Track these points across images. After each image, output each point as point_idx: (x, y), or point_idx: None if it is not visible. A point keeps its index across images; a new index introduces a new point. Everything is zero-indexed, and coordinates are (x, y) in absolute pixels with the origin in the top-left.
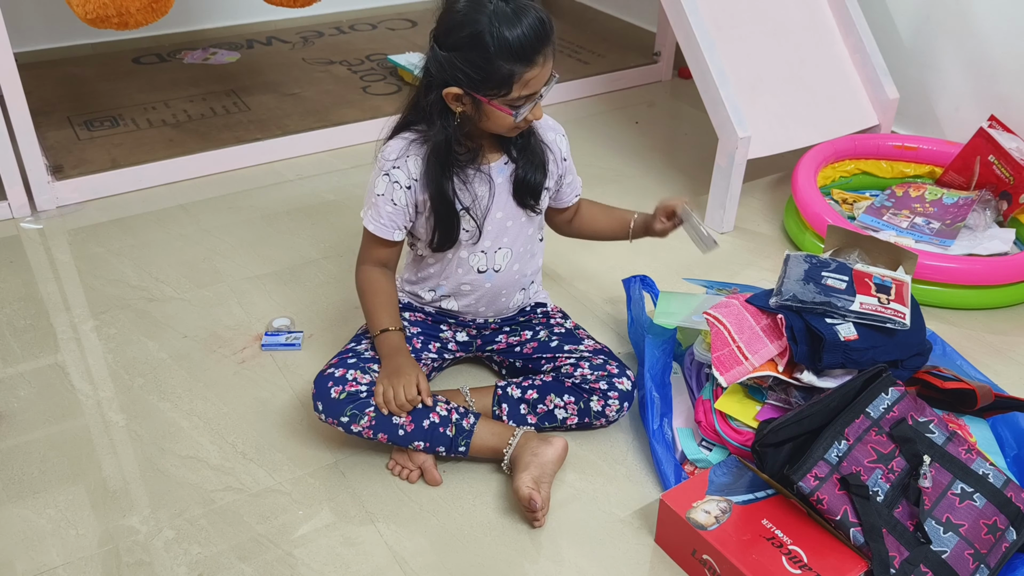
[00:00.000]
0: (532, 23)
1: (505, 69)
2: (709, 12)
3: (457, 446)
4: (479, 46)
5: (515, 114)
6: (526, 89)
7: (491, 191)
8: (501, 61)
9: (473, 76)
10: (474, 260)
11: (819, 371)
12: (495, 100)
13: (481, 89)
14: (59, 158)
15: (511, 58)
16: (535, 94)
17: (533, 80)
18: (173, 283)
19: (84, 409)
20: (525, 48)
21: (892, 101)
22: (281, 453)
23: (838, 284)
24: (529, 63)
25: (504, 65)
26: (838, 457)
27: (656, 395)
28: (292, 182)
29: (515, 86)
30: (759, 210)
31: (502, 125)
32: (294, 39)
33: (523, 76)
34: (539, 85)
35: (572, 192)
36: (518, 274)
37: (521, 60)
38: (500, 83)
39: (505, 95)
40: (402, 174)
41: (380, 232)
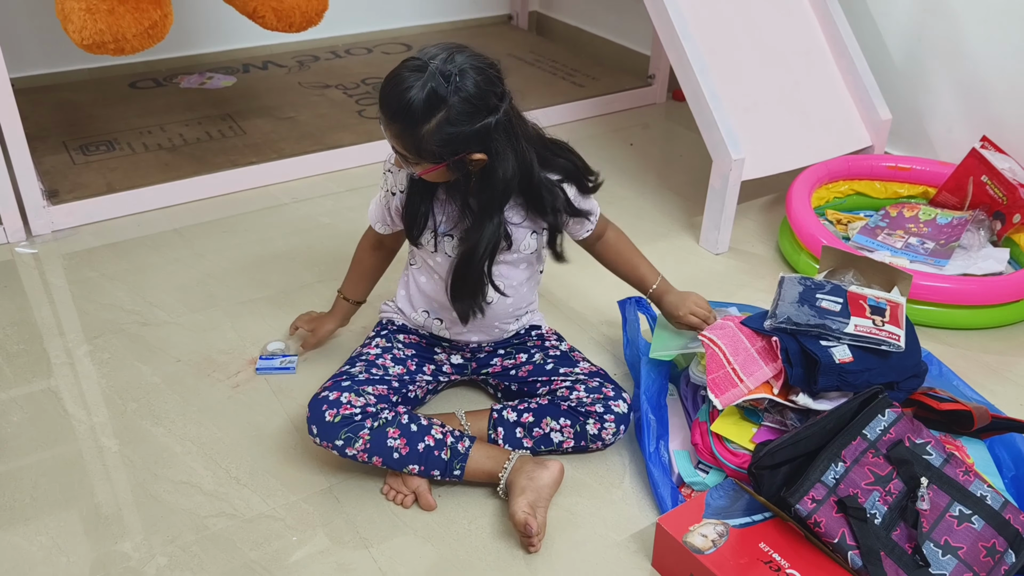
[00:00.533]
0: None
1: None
2: (702, 35)
3: (452, 470)
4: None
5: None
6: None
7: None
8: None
9: None
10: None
11: (815, 393)
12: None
13: None
14: (55, 183)
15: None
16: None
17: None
18: (167, 307)
19: (77, 434)
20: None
21: (885, 122)
22: (275, 478)
23: (833, 306)
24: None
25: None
26: (835, 479)
27: (652, 417)
28: (287, 206)
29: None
30: (754, 231)
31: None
32: (290, 63)
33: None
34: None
35: (585, 226)
36: (512, 307)
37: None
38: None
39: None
40: (392, 179)
41: (371, 216)
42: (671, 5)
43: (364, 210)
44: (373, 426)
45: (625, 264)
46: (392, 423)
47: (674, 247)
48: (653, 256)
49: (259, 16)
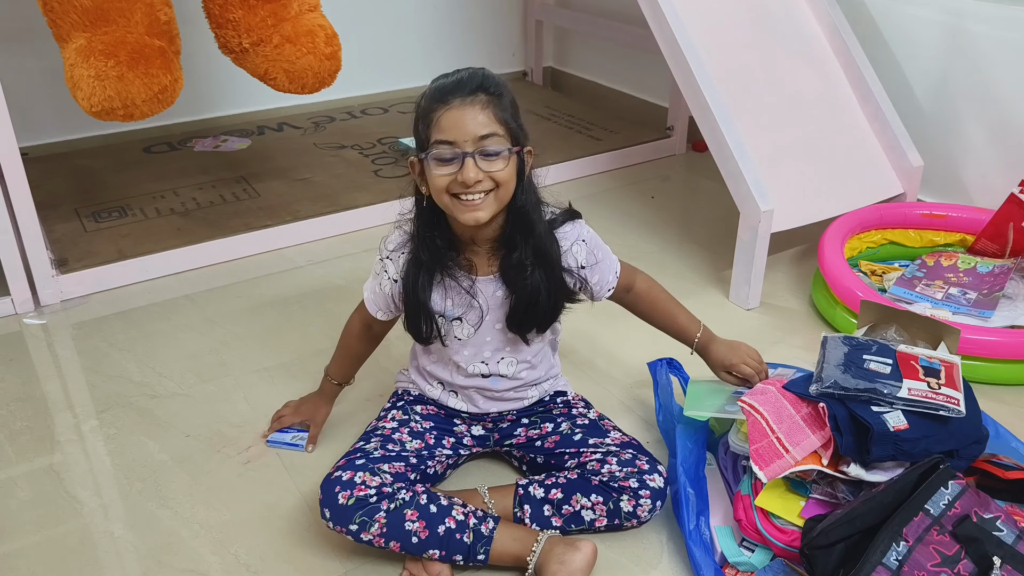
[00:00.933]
0: (462, 72)
1: (423, 112)
2: (723, 84)
3: (476, 554)
4: (417, 102)
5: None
6: (439, 132)
7: (476, 306)
8: (423, 107)
9: (416, 134)
10: (474, 368)
11: (867, 463)
12: (425, 152)
13: (418, 147)
14: (64, 251)
15: (431, 99)
16: (454, 145)
17: (444, 121)
18: (177, 378)
19: (79, 517)
20: (443, 90)
21: (916, 169)
22: (288, 564)
23: (882, 368)
24: (443, 103)
25: (423, 108)
26: (897, 561)
27: (691, 491)
28: (302, 268)
29: (432, 129)
30: (785, 285)
31: (437, 189)
32: (305, 124)
33: (436, 117)
34: (455, 131)
35: (604, 288)
36: (528, 377)
37: (437, 99)
38: (422, 129)
39: (426, 142)
40: (392, 267)
41: (368, 303)
42: (690, 55)
43: None
44: (390, 508)
45: (662, 314)
46: (410, 504)
47: (703, 303)
48: None
49: (271, 78)
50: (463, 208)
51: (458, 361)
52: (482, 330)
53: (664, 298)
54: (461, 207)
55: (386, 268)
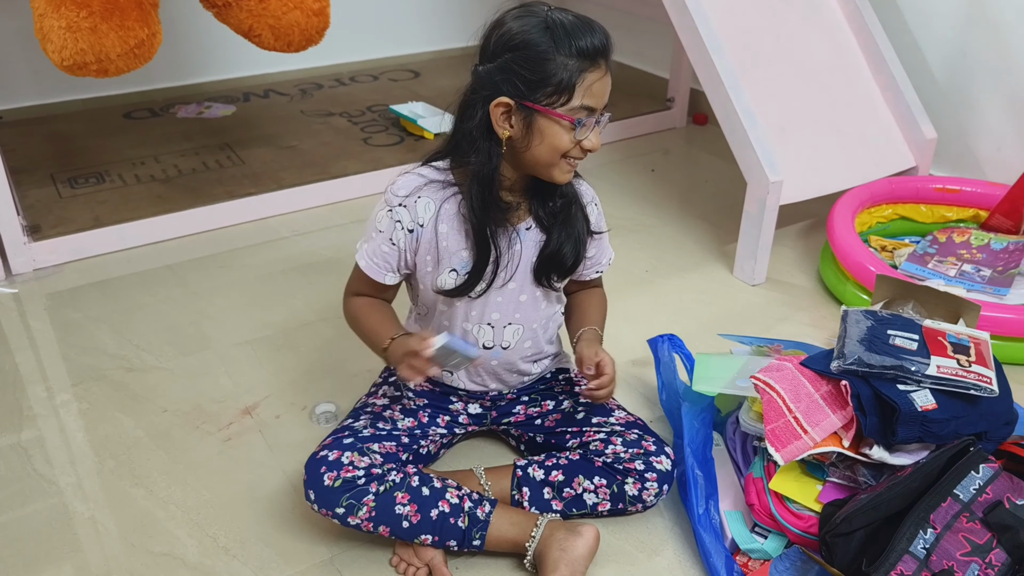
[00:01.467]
0: (597, 28)
1: (568, 68)
2: (733, 52)
3: (471, 539)
4: (538, 43)
5: (575, 127)
6: (588, 98)
7: (520, 256)
8: (564, 59)
9: (530, 78)
10: (479, 332)
11: (891, 446)
12: (555, 108)
13: (538, 94)
14: (38, 217)
15: (575, 55)
16: (596, 112)
17: (597, 87)
18: (155, 351)
19: (47, 496)
20: (590, 48)
21: (930, 141)
22: (269, 548)
23: (908, 344)
24: (594, 63)
25: (567, 63)
26: (925, 550)
27: (699, 473)
28: (288, 239)
29: (577, 90)
30: (792, 259)
31: (555, 148)
32: (292, 91)
33: (586, 77)
34: (602, 98)
35: (593, 267)
36: (531, 349)
37: (586, 58)
38: (561, 85)
39: (566, 102)
40: (407, 214)
41: (370, 271)
42: (700, 19)
43: None
44: (379, 491)
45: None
46: (400, 486)
47: (707, 278)
48: (684, 288)
49: (255, 35)
50: (567, 169)
51: (464, 324)
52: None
53: (599, 303)
54: (566, 168)
55: (399, 216)
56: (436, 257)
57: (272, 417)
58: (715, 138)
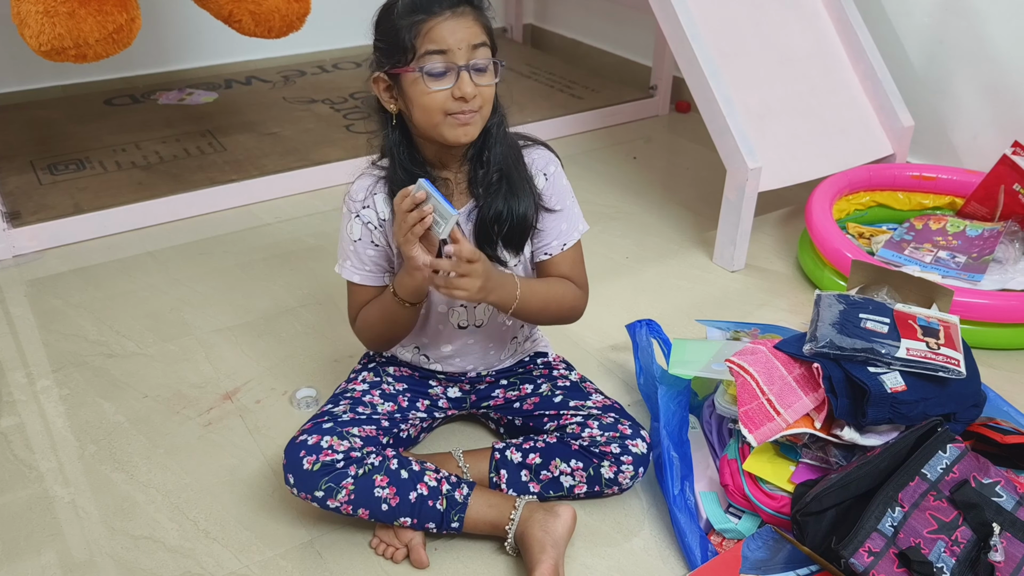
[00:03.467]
0: None
1: (405, 23)
2: (712, 38)
3: (449, 522)
4: (386, 13)
5: (423, 77)
6: (431, 43)
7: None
8: (403, 19)
9: (383, 47)
10: (454, 316)
11: (862, 427)
12: (407, 67)
13: (393, 60)
14: (17, 204)
15: (412, 11)
16: (448, 55)
17: (437, 33)
18: (136, 337)
19: (26, 483)
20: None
21: (907, 129)
22: (249, 531)
23: (879, 327)
24: (428, 12)
25: (403, 20)
26: (893, 527)
27: (674, 455)
28: (269, 225)
29: (418, 41)
30: (771, 246)
31: (427, 109)
32: (275, 78)
33: (423, 28)
34: (451, 41)
35: (542, 248)
36: (503, 326)
37: (419, 10)
38: (403, 42)
39: (412, 57)
40: (371, 213)
41: (369, 280)
42: (680, 6)
43: None
44: (358, 474)
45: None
46: (379, 469)
47: (686, 264)
48: (664, 274)
49: (235, 20)
50: (455, 125)
51: (439, 308)
52: None
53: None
54: (453, 124)
55: (368, 219)
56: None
57: (253, 402)
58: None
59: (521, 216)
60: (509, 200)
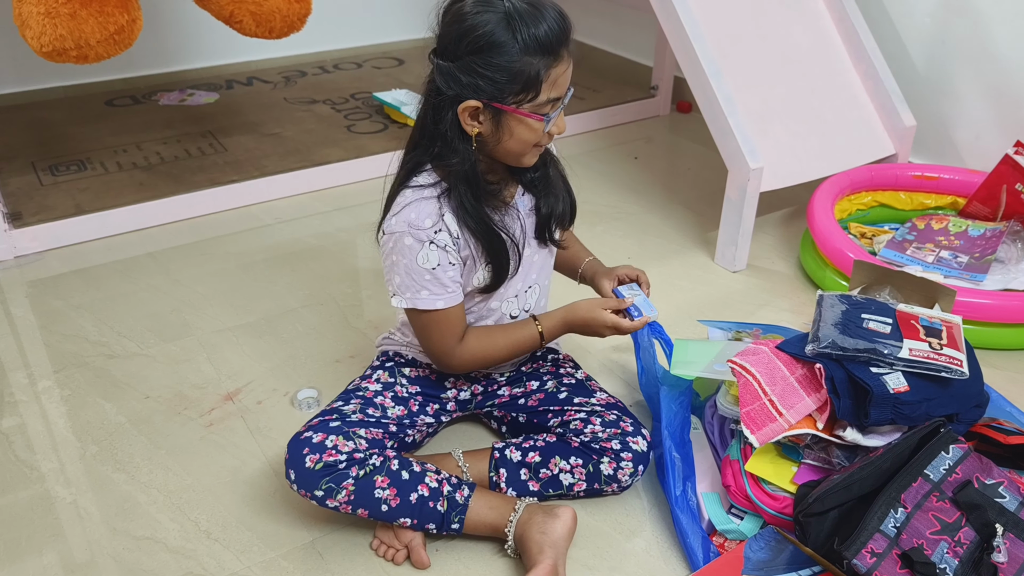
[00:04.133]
0: (554, 15)
1: (533, 66)
2: (714, 39)
3: (450, 523)
4: (501, 44)
5: (546, 121)
6: (554, 90)
7: (522, 227)
8: (528, 57)
9: (496, 80)
10: (507, 307)
11: (865, 428)
12: (522, 107)
13: (505, 95)
14: (18, 205)
15: (538, 52)
16: (560, 99)
17: (561, 78)
18: (137, 338)
19: (28, 483)
20: (552, 40)
21: (909, 129)
22: (250, 531)
23: (881, 328)
24: (556, 57)
25: (532, 61)
26: (895, 528)
27: (676, 455)
28: (270, 226)
29: (544, 86)
30: (772, 246)
31: (525, 142)
32: (276, 79)
33: (551, 73)
34: (565, 85)
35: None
36: (543, 306)
37: (549, 54)
38: (527, 84)
39: (533, 98)
40: (445, 236)
41: (453, 302)
42: (681, 6)
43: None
44: (359, 475)
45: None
46: (380, 470)
47: (688, 265)
48: (666, 274)
49: (236, 21)
50: (536, 154)
51: (492, 303)
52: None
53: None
54: (535, 153)
55: (443, 243)
56: (473, 256)
57: (254, 403)
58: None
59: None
60: (556, 192)
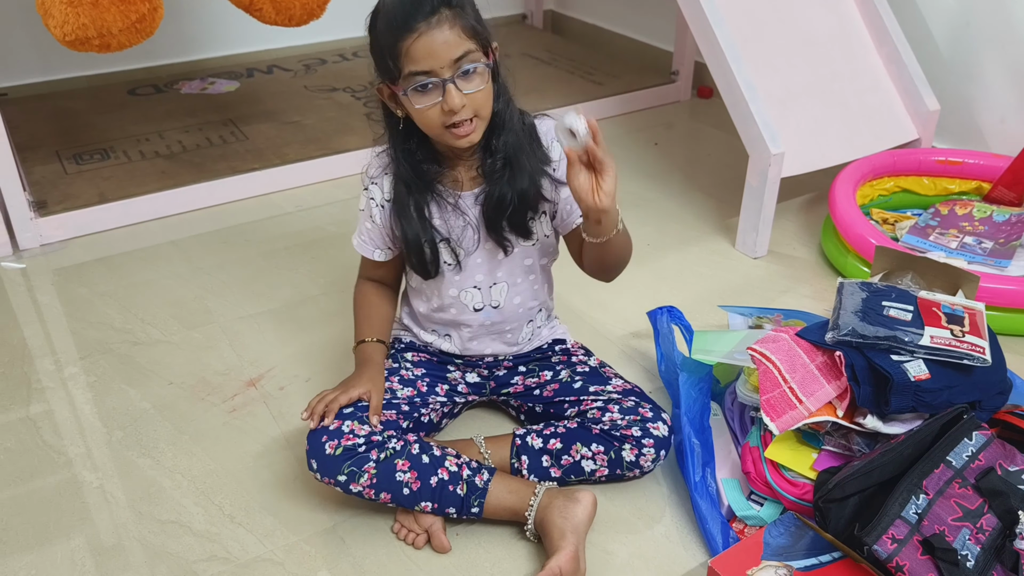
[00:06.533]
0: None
1: (387, 44)
2: (734, 23)
3: (469, 507)
4: (371, 26)
5: (409, 95)
6: (412, 63)
7: (467, 223)
8: (384, 37)
9: (376, 62)
10: (467, 297)
11: (885, 415)
12: (398, 84)
13: (384, 76)
14: (44, 194)
15: (388, 28)
16: (431, 72)
17: (416, 51)
18: (160, 325)
19: (55, 468)
20: (403, 14)
21: (932, 113)
22: (273, 516)
23: (902, 315)
24: (406, 28)
25: (385, 39)
26: (917, 514)
27: (696, 442)
28: (291, 214)
29: (401, 61)
30: (793, 233)
31: (426, 122)
32: (296, 67)
33: (403, 48)
34: (434, 61)
35: (575, 214)
36: (521, 307)
37: (397, 27)
38: (392, 64)
39: (398, 76)
40: (378, 191)
41: (361, 249)
42: None
43: None
44: (379, 458)
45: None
46: (401, 454)
47: (708, 251)
48: (686, 261)
49: (256, 9)
50: (456, 136)
51: (450, 291)
52: (474, 251)
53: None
54: (454, 135)
55: (372, 195)
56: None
57: (276, 389)
58: (719, 111)
59: (521, 194)
60: (511, 183)
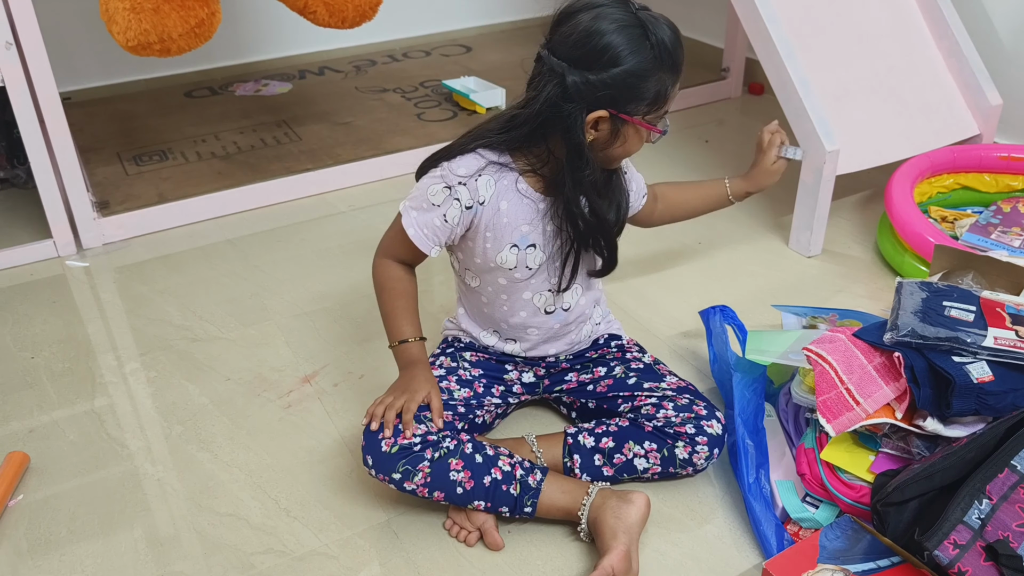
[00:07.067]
0: (675, 31)
1: (664, 82)
2: (787, 19)
3: (522, 506)
4: (646, 63)
5: (664, 129)
6: (670, 103)
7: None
8: (662, 74)
9: (633, 95)
10: (540, 300)
11: (946, 418)
12: (646, 118)
13: (638, 107)
14: (106, 194)
15: (670, 70)
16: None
17: (675, 93)
18: (218, 322)
19: (118, 460)
20: (680, 59)
21: (995, 108)
22: (328, 510)
23: (964, 316)
24: (676, 74)
25: (664, 78)
26: (980, 520)
27: (749, 443)
28: (344, 214)
29: (668, 101)
30: (849, 231)
31: (632, 150)
32: (347, 68)
33: (671, 91)
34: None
35: (639, 195)
36: (586, 307)
37: (676, 71)
38: (658, 99)
39: (656, 111)
40: (466, 192)
41: (418, 241)
42: None
43: None
44: (434, 457)
45: (693, 194)
46: (455, 453)
47: (761, 250)
48: (738, 259)
49: (310, 12)
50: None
51: (524, 297)
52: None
53: (680, 185)
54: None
55: (458, 195)
56: (496, 234)
57: (330, 385)
58: (771, 108)
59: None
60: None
